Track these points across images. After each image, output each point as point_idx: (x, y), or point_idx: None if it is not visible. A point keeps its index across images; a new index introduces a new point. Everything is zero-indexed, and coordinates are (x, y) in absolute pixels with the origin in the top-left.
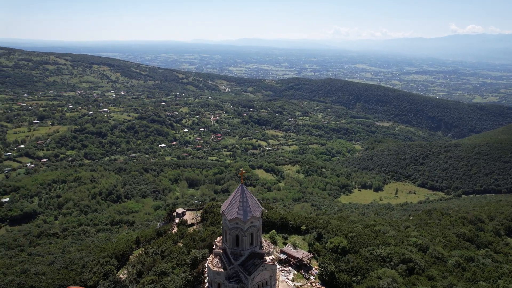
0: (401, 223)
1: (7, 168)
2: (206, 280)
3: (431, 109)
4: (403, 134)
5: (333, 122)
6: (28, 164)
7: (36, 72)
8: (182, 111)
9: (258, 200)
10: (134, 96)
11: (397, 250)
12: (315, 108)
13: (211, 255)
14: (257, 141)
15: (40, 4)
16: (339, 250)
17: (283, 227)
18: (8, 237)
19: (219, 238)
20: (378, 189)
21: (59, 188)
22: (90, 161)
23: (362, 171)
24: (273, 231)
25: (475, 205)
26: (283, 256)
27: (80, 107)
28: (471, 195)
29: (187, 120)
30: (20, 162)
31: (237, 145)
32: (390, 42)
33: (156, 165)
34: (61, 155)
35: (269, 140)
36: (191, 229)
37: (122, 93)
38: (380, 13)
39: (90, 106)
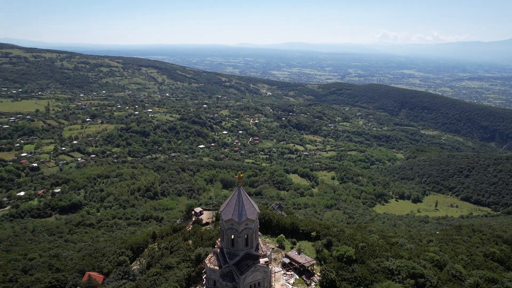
0: (424, 237)
1: (61, 162)
2: (204, 277)
3: (484, 118)
4: (450, 143)
5: (374, 129)
6: (79, 159)
7: (91, 74)
8: (222, 114)
9: (289, 205)
10: (178, 98)
11: (407, 264)
12: (357, 114)
13: (210, 253)
14: (294, 145)
15: (101, 11)
16: (344, 259)
17: (293, 232)
18: (53, 224)
19: (220, 238)
20: (416, 200)
21: (103, 182)
22: (133, 158)
23: (401, 180)
24: (282, 235)
25: None
26: (286, 260)
27: (127, 107)
28: None
29: (226, 122)
30: (72, 156)
31: (274, 149)
32: (442, 46)
33: (193, 165)
34: (108, 152)
35: (307, 145)
36: (204, 228)
37: (167, 94)
38: (432, 15)
39: (136, 106)
